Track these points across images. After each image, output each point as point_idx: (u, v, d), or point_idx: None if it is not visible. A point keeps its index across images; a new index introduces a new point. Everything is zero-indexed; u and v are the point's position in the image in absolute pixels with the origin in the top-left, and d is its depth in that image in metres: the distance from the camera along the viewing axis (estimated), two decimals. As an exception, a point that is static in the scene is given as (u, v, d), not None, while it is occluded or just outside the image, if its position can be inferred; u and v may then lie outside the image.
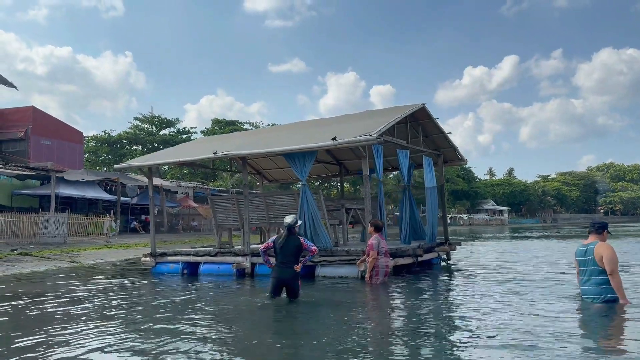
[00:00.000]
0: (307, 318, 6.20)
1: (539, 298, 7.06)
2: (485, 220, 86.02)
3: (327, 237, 10.04)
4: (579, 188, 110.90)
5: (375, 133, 9.18)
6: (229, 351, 4.59)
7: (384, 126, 9.67)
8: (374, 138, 9.12)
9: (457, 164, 15.21)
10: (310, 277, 9.79)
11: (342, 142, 9.38)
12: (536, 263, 12.87)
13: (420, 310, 6.64)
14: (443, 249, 13.11)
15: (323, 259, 9.89)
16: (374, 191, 12.14)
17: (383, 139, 9.56)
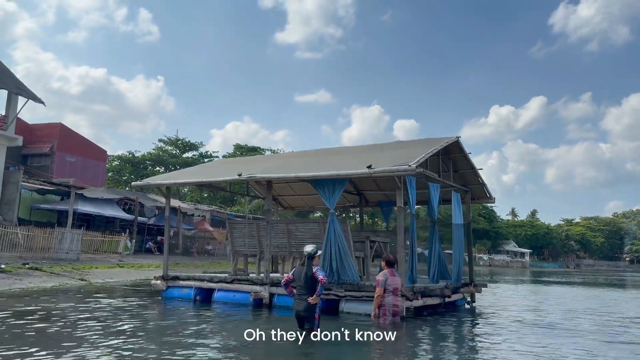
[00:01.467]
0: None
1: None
2: (506, 261, 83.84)
3: (354, 270, 9.42)
4: (604, 234, 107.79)
5: (414, 163, 8.71)
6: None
7: (422, 157, 9.19)
8: (413, 168, 8.64)
9: (485, 202, 14.62)
10: (333, 312, 9.19)
11: (377, 171, 8.90)
12: (565, 311, 12.06)
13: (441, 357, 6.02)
14: (468, 290, 12.43)
15: (348, 293, 9.25)
16: (392, 224, 11.60)
17: (422, 170, 9.10)
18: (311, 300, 6.61)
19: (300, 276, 6.80)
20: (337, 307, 9.32)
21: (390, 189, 14.52)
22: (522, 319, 10.19)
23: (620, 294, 21.33)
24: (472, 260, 13.57)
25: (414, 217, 10.15)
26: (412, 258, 9.99)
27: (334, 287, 9.41)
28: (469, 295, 12.65)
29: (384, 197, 15.00)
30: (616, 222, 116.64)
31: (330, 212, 9.60)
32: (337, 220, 9.57)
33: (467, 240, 12.94)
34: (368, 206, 16.25)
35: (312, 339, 6.53)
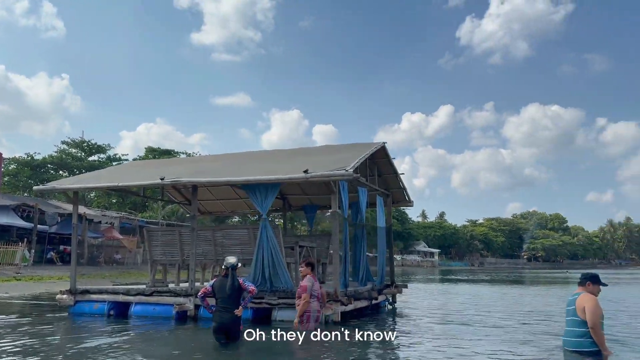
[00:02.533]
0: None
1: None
2: (417, 261, 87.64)
3: (287, 277, 9.18)
4: (505, 234, 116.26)
5: (351, 168, 8.69)
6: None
7: (356, 161, 9.21)
8: (350, 173, 8.61)
9: (404, 205, 15.06)
10: (265, 322, 8.89)
11: (315, 176, 8.76)
12: (479, 308, 12.75)
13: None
14: (390, 291, 12.70)
15: (282, 301, 8.95)
16: (318, 228, 11.56)
17: (359, 175, 9.12)
18: (238, 313, 6.57)
19: (222, 288, 6.66)
20: (270, 315, 9.04)
21: (314, 193, 14.49)
22: (440, 317, 10.61)
23: (521, 290, 23.02)
24: (393, 262, 13.91)
25: (347, 222, 10.17)
26: (346, 262, 10.00)
27: (267, 295, 9.14)
28: (390, 296, 12.94)
29: (308, 201, 14.95)
30: (515, 223, 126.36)
31: (263, 217, 9.31)
32: (270, 226, 9.32)
33: (389, 243, 13.23)
34: (291, 210, 16.12)
35: (238, 350, 6.47)
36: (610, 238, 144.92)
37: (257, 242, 9.24)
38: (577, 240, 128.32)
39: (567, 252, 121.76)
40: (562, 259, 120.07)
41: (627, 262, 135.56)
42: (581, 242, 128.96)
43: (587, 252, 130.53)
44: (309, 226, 15.48)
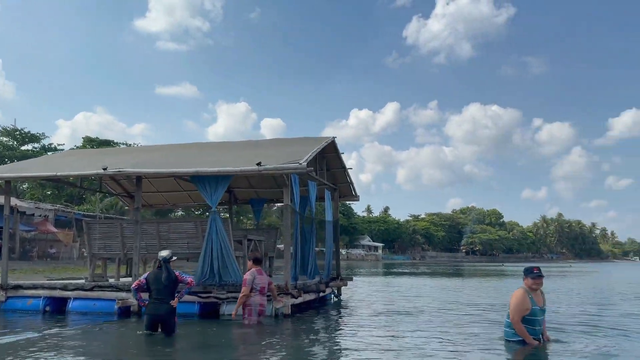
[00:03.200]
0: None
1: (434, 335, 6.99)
2: (361, 255, 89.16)
3: (237, 271, 9.05)
4: (445, 228, 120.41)
5: (304, 161, 8.69)
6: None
7: (309, 155, 9.22)
8: (304, 166, 8.62)
9: (350, 200, 15.25)
10: (213, 316, 8.76)
11: (268, 169, 8.70)
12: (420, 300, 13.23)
13: (309, 351, 6.12)
14: (336, 284, 12.89)
15: (230, 295, 8.83)
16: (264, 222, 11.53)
17: (312, 168, 9.15)
18: (174, 303, 6.67)
19: (157, 280, 6.74)
20: (218, 310, 8.92)
21: (261, 187, 14.41)
22: (383, 308, 10.91)
23: (460, 282, 23.99)
24: (339, 255, 14.10)
25: (299, 215, 10.18)
26: (296, 256, 10.03)
27: (215, 289, 9.02)
28: (336, 289, 13.13)
29: (255, 194, 14.84)
30: (455, 218, 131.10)
31: (212, 210, 9.13)
32: (220, 219, 9.19)
33: (336, 237, 13.39)
34: (237, 204, 15.95)
35: (169, 341, 6.52)
36: (543, 233, 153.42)
37: (205, 235, 9.09)
38: (513, 235, 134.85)
39: (502, 246, 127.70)
40: (498, 253, 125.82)
41: (557, 256, 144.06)
42: (516, 237, 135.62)
43: (521, 246, 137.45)
44: (256, 220, 15.39)
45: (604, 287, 20.49)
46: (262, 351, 6.15)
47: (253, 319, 7.93)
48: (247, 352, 6.28)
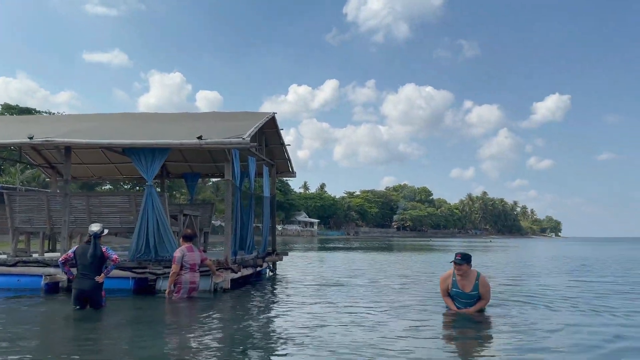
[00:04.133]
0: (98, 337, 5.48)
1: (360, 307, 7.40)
2: (297, 230, 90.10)
3: (175, 246, 8.87)
4: (378, 205, 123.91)
5: (247, 136, 8.60)
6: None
7: (252, 130, 9.09)
8: (247, 142, 8.52)
9: (287, 176, 15.34)
10: (149, 292, 8.64)
11: (210, 143, 8.53)
12: (351, 274, 13.72)
13: (245, 324, 6.28)
14: (272, 258, 13.06)
15: (167, 270, 8.60)
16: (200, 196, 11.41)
17: (255, 144, 9.09)
18: (99, 279, 6.66)
19: (84, 255, 6.72)
20: (154, 286, 8.79)
21: (195, 161, 14.17)
22: (317, 282, 11.23)
23: (389, 256, 25.02)
24: (275, 230, 14.25)
25: (239, 190, 10.13)
26: (236, 231, 10.03)
27: (151, 264, 8.87)
28: (271, 264, 13.31)
29: (189, 168, 14.55)
30: (388, 195, 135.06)
31: (148, 184, 8.87)
32: (156, 193, 8.98)
33: (272, 212, 13.50)
34: (170, 178, 15.61)
35: (99, 317, 6.49)
36: (469, 210, 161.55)
37: (140, 210, 8.88)
38: (441, 211, 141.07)
39: (431, 222, 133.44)
40: (427, 229, 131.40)
41: (481, 232, 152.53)
42: (444, 214, 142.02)
43: (448, 223, 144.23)
44: (190, 194, 15.16)
45: (525, 261, 22.13)
46: (197, 325, 6.20)
47: (182, 296, 7.94)
48: (180, 327, 6.27)
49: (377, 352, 4.63)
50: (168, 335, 5.69)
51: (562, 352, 4.77)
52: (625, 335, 5.61)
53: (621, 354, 4.74)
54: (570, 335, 5.59)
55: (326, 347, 4.86)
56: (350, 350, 4.69)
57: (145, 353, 4.69)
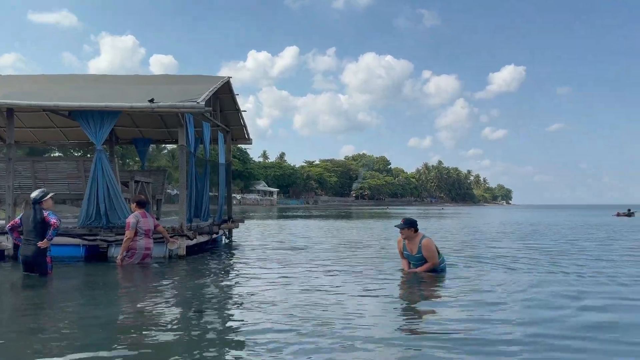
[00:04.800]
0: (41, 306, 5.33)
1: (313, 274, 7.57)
2: (256, 200, 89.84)
3: (127, 213, 8.67)
4: (338, 174, 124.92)
5: (202, 100, 8.39)
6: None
7: (207, 94, 8.87)
8: (201, 106, 8.31)
9: (243, 143, 15.16)
10: (100, 259, 8.48)
11: (162, 106, 8.26)
12: (308, 240, 13.92)
13: (196, 290, 6.32)
14: (228, 226, 13.03)
15: (119, 238, 8.47)
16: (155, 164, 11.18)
17: (210, 108, 8.88)
18: (41, 245, 6.57)
19: (27, 221, 6.68)
20: (106, 253, 8.64)
21: (146, 126, 13.78)
22: (274, 248, 11.33)
23: (347, 224, 25.45)
24: (230, 197, 14.17)
25: (193, 156, 9.94)
26: (191, 198, 9.91)
27: (102, 231, 8.68)
28: (227, 231, 13.29)
29: (139, 134, 14.11)
30: (347, 164, 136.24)
31: (98, 149, 8.57)
32: (106, 158, 8.69)
33: (228, 180, 13.40)
34: (119, 143, 15.14)
35: (48, 283, 6.40)
36: (425, 179, 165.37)
37: (90, 175, 8.59)
38: (398, 180, 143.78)
39: (389, 191, 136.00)
40: (385, 197, 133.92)
41: (436, 200, 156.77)
42: (401, 182, 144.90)
43: (405, 191, 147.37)
44: (141, 161, 14.80)
45: (478, 227, 23.00)
46: (152, 291, 6.19)
47: (135, 261, 7.89)
48: (135, 292, 6.26)
49: (331, 314, 4.72)
50: (122, 300, 5.68)
51: (512, 309, 4.94)
52: (581, 293, 5.81)
53: (579, 312, 4.85)
54: (526, 293, 5.82)
55: (282, 310, 4.93)
56: (304, 312, 4.79)
57: (97, 319, 4.65)
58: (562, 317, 4.60)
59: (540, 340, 3.84)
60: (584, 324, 4.38)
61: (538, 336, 3.94)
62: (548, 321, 4.44)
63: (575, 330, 4.15)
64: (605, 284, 6.62)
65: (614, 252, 10.93)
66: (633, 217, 36.87)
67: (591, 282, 6.71)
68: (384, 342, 3.76)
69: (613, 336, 4.01)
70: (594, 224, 26.53)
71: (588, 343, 3.81)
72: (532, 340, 3.82)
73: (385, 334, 4.00)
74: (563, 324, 4.35)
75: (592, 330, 4.15)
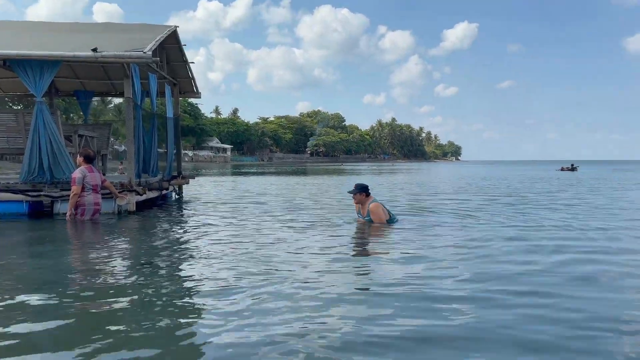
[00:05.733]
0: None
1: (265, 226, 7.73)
2: (209, 156, 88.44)
3: (72, 167, 8.42)
4: (293, 131, 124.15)
5: (149, 50, 8.06)
6: None
7: (153, 43, 8.54)
8: (149, 56, 8.01)
9: (191, 96, 14.77)
10: (46, 215, 8.28)
11: (107, 56, 7.90)
12: (261, 196, 13.99)
13: (147, 245, 6.35)
14: (178, 182, 12.88)
15: (65, 193, 8.23)
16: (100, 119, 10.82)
17: (158, 59, 8.55)
18: None
19: None
20: (51, 209, 8.40)
21: (88, 77, 13.19)
22: (227, 204, 11.33)
23: (302, 180, 25.63)
24: (180, 153, 13.93)
25: (140, 109, 9.63)
26: (139, 152, 9.68)
27: (47, 187, 8.40)
28: (177, 187, 13.14)
29: (81, 85, 13.50)
30: (302, 121, 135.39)
31: (38, 101, 8.19)
32: (48, 110, 8.30)
33: (176, 134, 13.13)
34: (59, 96, 14.46)
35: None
36: (379, 136, 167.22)
37: (31, 128, 8.22)
38: (352, 137, 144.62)
39: (343, 148, 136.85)
40: (339, 154, 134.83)
41: (389, 157, 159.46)
42: (355, 139, 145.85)
43: (359, 148, 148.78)
44: (84, 114, 14.24)
45: (429, 181, 23.70)
46: (103, 246, 6.12)
47: (86, 217, 7.76)
48: (84, 247, 6.17)
49: (280, 267, 4.75)
50: (70, 254, 5.62)
51: (462, 265, 4.95)
52: (534, 247, 5.82)
53: (530, 267, 4.75)
54: (477, 248, 6.03)
55: (233, 261, 5.00)
56: (253, 264, 4.86)
57: (45, 273, 4.59)
58: (513, 273, 4.46)
59: (489, 296, 3.72)
60: (536, 280, 4.21)
61: (487, 292, 3.83)
62: (498, 277, 4.29)
63: (526, 285, 4.04)
64: (558, 237, 6.53)
65: (558, 202, 11.72)
66: (576, 172, 39.10)
67: (544, 236, 6.63)
68: (330, 297, 3.71)
69: (565, 291, 3.88)
70: (540, 177, 28.01)
71: (538, 299, 3.66)
72: (482, 297, 3.69)
73: (332, 289, 3.95)
74: (513, 280, 4.20)
75: (544, 286, 4.03)
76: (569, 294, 3.81)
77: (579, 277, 4.37)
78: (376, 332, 2.98)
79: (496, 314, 3.32)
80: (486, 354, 2.69)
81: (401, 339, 2.88)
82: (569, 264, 4.92)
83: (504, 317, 3.24)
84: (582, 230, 7.21)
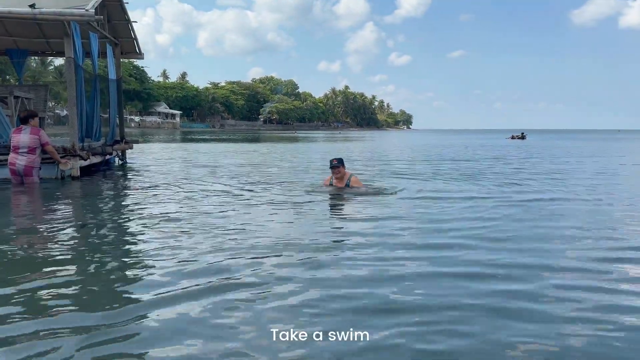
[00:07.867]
0: None
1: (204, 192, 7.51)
2: (157, 122, 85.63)
3: (9, 130, 7.99)
4: (245, 97, 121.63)
5: (91, 7, 7.54)
6: None
7: (94, 1, 7.99)
8: (91, 14, 7.50)
9: (134, 57, 14.06)
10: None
11: (46, 13, 7.37)
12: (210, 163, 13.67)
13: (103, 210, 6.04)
14: (121, 147, 12.32)
15: (3, 157, 7.77)
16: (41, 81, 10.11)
17: (101, 17, 7.98)
18: None
19: None
20: None
21: (21, 35, 12.23)
22: (173, 170, 11.00)
23: (254, 147, 25.29)
24: (122, 117, 13.29)
25: (82, 70, 9.03)
26: (81, 115, 9.13)
27: None
28: (120, 152, 12.59)
29: (14, 44, 12.54)
30: (255, 87, 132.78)
31: None
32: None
33: (119, 98, 12.47)
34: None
35: None
36: (332, 104, 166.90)
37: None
38: (306, 105, 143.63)
39: (297, 116, 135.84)
40: (293, 122, 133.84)
41: (342, 125, 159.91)
42: (309, 107, 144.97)
43: (313, 116, 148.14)
44: (18, 74, 13.30)
45: (384, 149, 23.89)
46: (46, 211, 5.86)
47: (17, 179, 7.43)
48: (25, 213, 5.83)
49: (228, 231, 4.59)
50: (9, 222, 5.20)
51: (416, 234, 4.63)
52: (489, 211, 5.80)
53: (482, 235, 4.51)
54: (430, 216, 6.17)
55: (181, 226, 4.83)
56: (202, 225, 4.81)
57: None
58: (464, 242, 4.23)
59: (436, 270, 3.43)
60: (490, 248, 4.06)
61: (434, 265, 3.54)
62: (448, 247, 4.07)
63: (479, 254, 3.87)
64: (511, 202, 6.53)
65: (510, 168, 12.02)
66: (525, 140, 40.69)
67: (498, 202, 6.53)
68: (279, 263, 3.52)
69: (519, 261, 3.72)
70: (491, 145, 28.92)
71: (488, 269, 3.48)
72: (429, 272, 3.39)
73: (282, 253, 3.78)
74: (465, 251, 3.95)
75: (493, 252, 3.92)
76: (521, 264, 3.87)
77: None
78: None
79: (443, 288, 3.36)
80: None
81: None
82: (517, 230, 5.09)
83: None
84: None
